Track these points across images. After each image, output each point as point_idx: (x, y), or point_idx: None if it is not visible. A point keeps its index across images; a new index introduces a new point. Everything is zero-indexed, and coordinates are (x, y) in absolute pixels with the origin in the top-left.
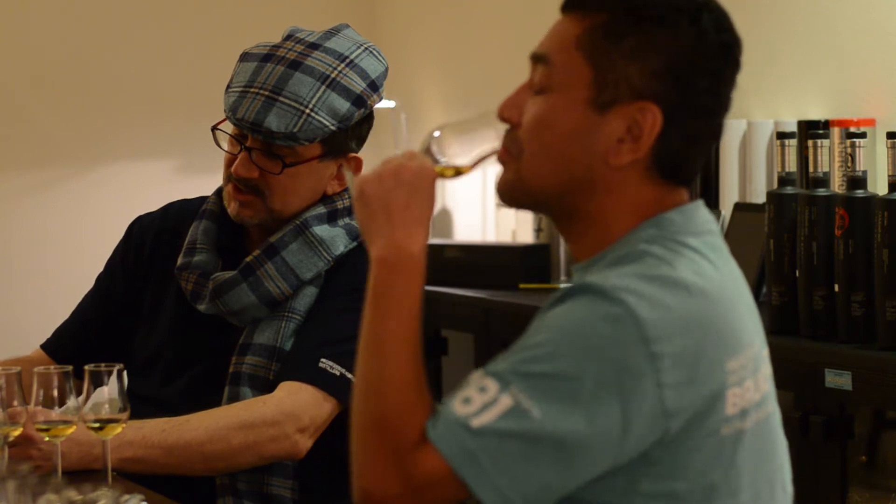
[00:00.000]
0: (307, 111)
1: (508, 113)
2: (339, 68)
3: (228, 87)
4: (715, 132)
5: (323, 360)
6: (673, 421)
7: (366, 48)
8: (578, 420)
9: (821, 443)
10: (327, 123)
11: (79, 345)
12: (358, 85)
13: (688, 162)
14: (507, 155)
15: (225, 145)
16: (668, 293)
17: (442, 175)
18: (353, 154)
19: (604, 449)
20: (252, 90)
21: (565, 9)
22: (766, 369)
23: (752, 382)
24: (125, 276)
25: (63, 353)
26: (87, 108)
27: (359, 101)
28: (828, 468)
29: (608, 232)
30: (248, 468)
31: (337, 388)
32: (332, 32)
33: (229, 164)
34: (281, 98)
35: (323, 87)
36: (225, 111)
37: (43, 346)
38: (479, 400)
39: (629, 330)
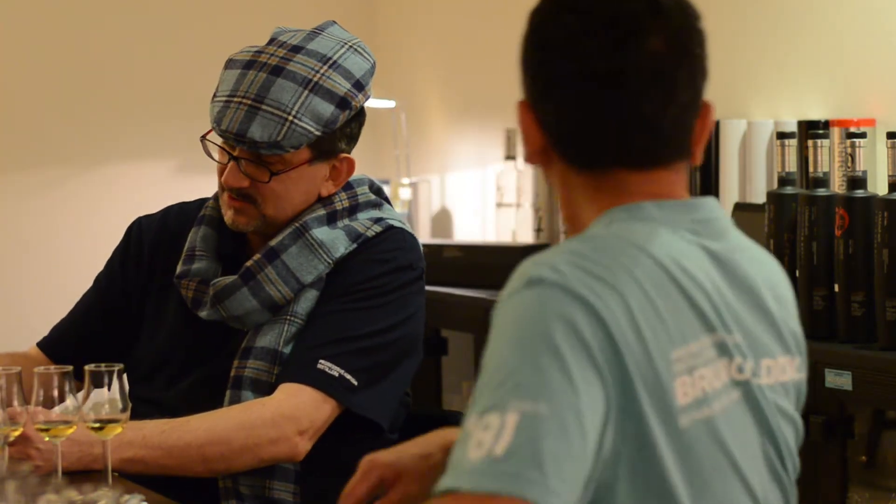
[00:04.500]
0: (290, 118)
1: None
2: (322, 71)
3: (214, 95)
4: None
5: (321, 361)
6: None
7: (350, 46)
8: (571, 388)
9: (821, 443)
10: (312, 129)
11: (76, 344)
12: (342, 87)
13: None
14: None
15: (215, 155)
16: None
17: None
18: (345, 154)
19: (596, 400)
20: (235, 99)
21: None
22: (743, 364)
23: (710, 370)
24: (124, 277)
25: (60, 352)
26: (87, 108)
27: (343, 102)
28: (828, 468)
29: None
30: (248, 470)
31: (336, 390)
32: (315, 32)
33: (221, 172)
34: (263, 106)
35: (306, 93)
36: (211, 121)
37: (39, 345)
38: (489, 435)
39: (558, 294)
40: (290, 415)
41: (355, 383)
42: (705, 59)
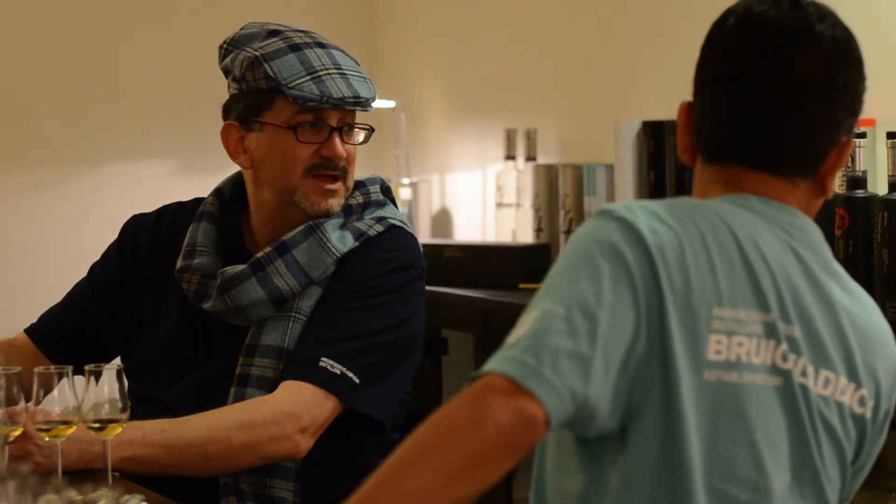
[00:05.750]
0: (367, 77)
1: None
2: (331, 43)
3: (284, 85)
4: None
5: (323, 358)
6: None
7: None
8: (596, 300)
9: None
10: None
11: (64, 333)
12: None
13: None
14: None
15: (307, 139)
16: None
17: None
18: None
19: (621, 312)
20: (322, 72)
21: None
22: (786, 350)
23: (752, 343)
24: (120, 273)
25: (47, 340)
26: (87, 108)
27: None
28: None
29: None
30: (249, 468)
31: (338, 387)
32: (266, 23)
33: (304, 159)
34: (346, 71)
35: (349, 57)
36: (310, 99)
37: (27, 331)
38: (517, 329)
39: (617, 225)
40: (291, 412)
41: (357, 381)
42: (850, 93)
